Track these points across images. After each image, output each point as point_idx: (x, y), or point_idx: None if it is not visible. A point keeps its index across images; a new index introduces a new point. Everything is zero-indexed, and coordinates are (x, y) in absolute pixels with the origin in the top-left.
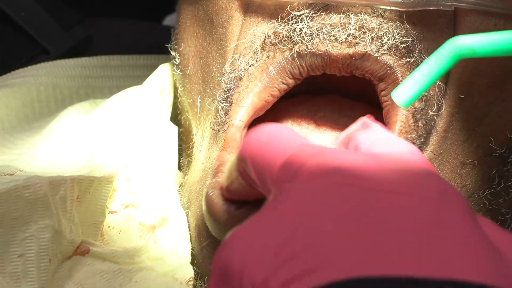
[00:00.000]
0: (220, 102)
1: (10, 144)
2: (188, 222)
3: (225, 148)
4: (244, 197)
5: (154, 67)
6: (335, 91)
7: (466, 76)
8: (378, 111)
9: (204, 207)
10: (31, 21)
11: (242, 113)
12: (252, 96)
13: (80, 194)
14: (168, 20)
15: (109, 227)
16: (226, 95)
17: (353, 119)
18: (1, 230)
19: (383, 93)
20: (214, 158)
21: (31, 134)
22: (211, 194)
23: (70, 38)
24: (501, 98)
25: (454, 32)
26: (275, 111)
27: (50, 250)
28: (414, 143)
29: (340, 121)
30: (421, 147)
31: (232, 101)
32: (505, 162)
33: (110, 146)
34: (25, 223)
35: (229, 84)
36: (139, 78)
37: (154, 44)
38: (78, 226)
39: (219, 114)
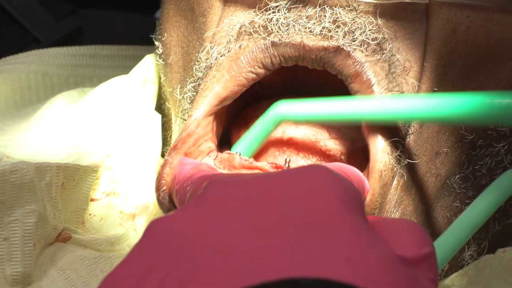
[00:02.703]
0: (188, 90)
1: None
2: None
3: (176, 148)
4: None
5: (143, 57)
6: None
7: (440, 68)
8: None
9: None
10: (22, 10)
11: (204, 103)
12: (217, 85)
13: (65, 181)
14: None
15: (90, 214)
16: (195, 84)
17: None
18: None
19: (357, 95)
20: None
21: (20, 120)
22: (160, 195)
23: (61, 28)
24: (472, 86)
25: (427, 27)
26: (255, 109)
27: (35, 234)
28: (397, 149)
29: None
30: (399, 147)
31: (198, 90)
32: (474, 147)
33: (96, 135)
34: (11, 207)
35: (200, 72)
36: (128, 68)
37: (145, 35)
38: (61, 212)
39: (185, 103)
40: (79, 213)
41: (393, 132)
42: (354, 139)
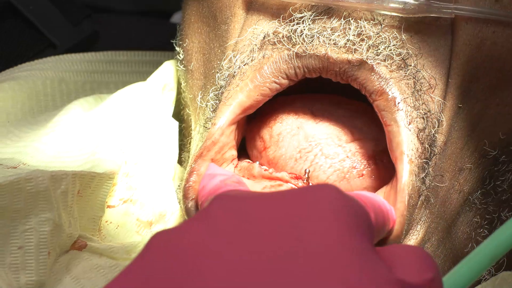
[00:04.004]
0: (211, 98)
1: (14, 137)
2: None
3: (202, 155)
4: None
5: (160, 63)
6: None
7: (464, 84)
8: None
9: (183, 212)
10: (39, 15)
11: (227, 112)
12: (241, 95)
13: (81, 189)
14: (176, 18)
15: (106, 221)
16: (217, 92)
17: (350, 112)
18: (2, 222)
19: (383, 113)
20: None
21: (36, 127)
22: (187, 205)
23: (77, 33)
24: (496, 102)
25: (452, 43)
26: (272, 103)
27: (50, 243)
28: (424, 170)
29: (337, 113)
30: (426, 168)
31: (221, 98)
32: (497, 162)
33: (112, 142)
34: (26, 216)
35: (223, 81)
36: (144, 74)
37: (161, 40)
38: (77, 220)
39: (208, 111)
40: (95, 220)
41: (420, 153)
42: (377, 139)
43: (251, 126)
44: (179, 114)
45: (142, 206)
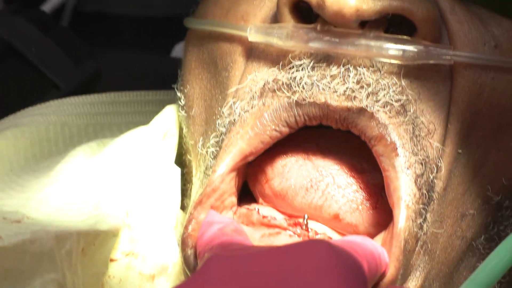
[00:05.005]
0: (211, 145)
1: (17, 187)
2: None
3: (201, 202)
4: None
5: (162, 102)
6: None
7: (464, 130)
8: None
9: (182, 260)
10: (42, 57)
11: (227, 159)
12: (241, 142)
13: (85, 247)
14: (177, 50)
15: (109, 276)
16: (218, 139)
17: (357, 145)
18: (6, 284)
19: (381, 158)
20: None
21: (39, 175)
22: (186, 253)
23: (80, 72)
24: (497, 147)
25: (451, 89)
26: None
27: None
28: (421, 215)
29: (344, 145)
30: (423, 214)
31: (221, 145)
32: (500, 207)
33: (115, 194)
34: (31, 277)
35: (223, 127)
36: (147, 113)
37: (163, 76)
38: (80, 278)
39: (209, 158)
40: (98, 276)
41: (418, 199)
42: None
43: (253, 164)
44: (180, 158)
45: (144, 259)
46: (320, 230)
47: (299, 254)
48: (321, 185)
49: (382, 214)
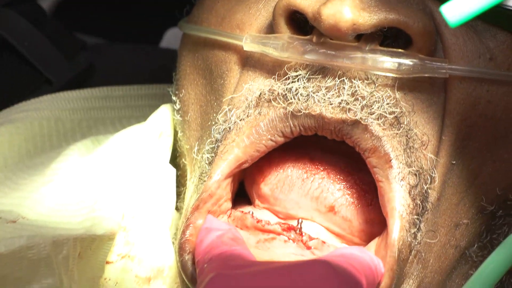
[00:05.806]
0: (207, 151)
1: (12, 184)
2: None
3: (198, 208)
4: None
5: (155, 96)
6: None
7: (458, 142)
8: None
9: (179, 265)
10: (34, 52)
11: (223, 166)
12: (237, 150)
13: (82, 251)
14: (169, 34)
15: (105, 279)
16: (213, 146)
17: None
18: None
19: (375, 169)
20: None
21: (34, 172)
22: (184, 258)
23: (73, 67)
24: (492, 159)
25: (445, 101)
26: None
27: None
28: (415, 226)
29: (341, 148)
30: (417, 224)
31: (217, 152)
32: (494, 216)
33: (110, 196)
34: (28, 283)
35: (218, 134)
36: (140, 107)
37: (156, 68)
38: (77, 283)
39: (204, 164)
40: (95, 280)
41: (412, 209)
42: None
43: (249, 166)
44: (174, 160)
45: (140, 262)
46: (314, 234)
47: (300, 277)
48: (317, 177)
49: (376, 212)
